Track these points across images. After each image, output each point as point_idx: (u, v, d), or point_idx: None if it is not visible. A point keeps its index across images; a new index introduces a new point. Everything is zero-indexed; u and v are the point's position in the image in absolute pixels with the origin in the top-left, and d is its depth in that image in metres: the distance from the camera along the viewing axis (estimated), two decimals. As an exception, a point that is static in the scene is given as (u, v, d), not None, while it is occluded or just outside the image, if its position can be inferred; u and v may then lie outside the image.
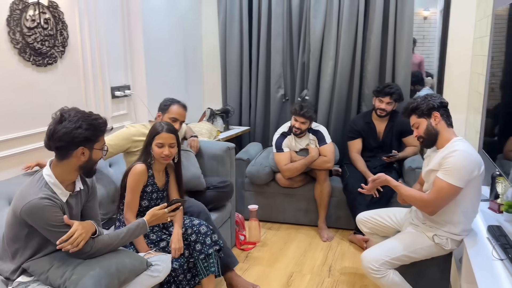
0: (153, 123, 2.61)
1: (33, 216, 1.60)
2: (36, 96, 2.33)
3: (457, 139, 2.04)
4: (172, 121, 2.56)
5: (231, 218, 3.02)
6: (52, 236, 1.63)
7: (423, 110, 2.08)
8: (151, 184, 2.16)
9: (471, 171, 1.93)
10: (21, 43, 2.20)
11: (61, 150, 1.67)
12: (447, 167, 1.95)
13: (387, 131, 3.35)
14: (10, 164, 2.20)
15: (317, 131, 3.31)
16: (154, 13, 3.21)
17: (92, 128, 1.68)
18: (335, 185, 3.36)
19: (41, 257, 1.71)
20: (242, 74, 4.04)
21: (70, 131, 1.63)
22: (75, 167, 1.72)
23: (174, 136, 2.16)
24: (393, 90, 3.20)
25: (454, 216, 2.04)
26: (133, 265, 1.80)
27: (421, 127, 2.10)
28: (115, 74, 2.97)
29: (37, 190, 1.63)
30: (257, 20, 3.91)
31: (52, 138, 1.65)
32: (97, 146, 1.74)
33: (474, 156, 1.95)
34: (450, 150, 1.98)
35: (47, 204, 1.60)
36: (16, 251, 1.69)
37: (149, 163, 2.16)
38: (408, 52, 3.55)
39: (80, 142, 1.66)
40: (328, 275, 2.75)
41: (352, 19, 3.60)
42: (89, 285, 1.61)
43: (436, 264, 2.18)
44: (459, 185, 1.93)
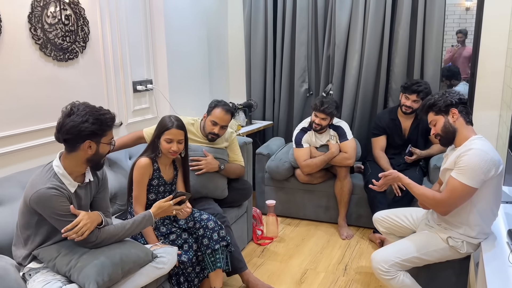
0: (199, 121, 2.67)
1: (41, 205, 1.67)
2: (57, 90, 2.42)
3: (476, 137, 1.94)
4: (212, 124, 2.57)
5: (247, 212, 3.02)
6: (58, 224, 1.70)
7: (441, 106, 1.99)
8: (157, 178, 2.19)
9: (486, 171, 1.83)
10: (42, 39, 2.29)
11: (68, 142, 1.73)
12: (461, 166, 1.86)
13: (413, 128, 3.22)
14: (32, 154, 2.31)
15: (338, 127, 3.24)
16: (177, 7, 3.24)
17: (99, 122, 1.73)
18: (356, 182, 3.28)
19: (50, 244, 1.78)
20: (266, 68, 4.02)
21: (77, 125, 1.68)
22: (82, 160, 1.77)
23: (183, 132, 2.18)
24: (421, 88, 3.06)
25: (470, 217, 1.94)
26: (137, 256, 1.84)
27: (438, 125, 2.02)
28: (137, 69, 3.03)
29: (45, 180, 1.70)
30: (282, 13, 3.86)
31: (61, 131, 1.71)
32: (104, 140, 1.79)
33: (491, 155, 1.84)
34: (466, 149, 1.88)
35: (53, 194, 1.66)
36: (28, 238, 1.77)
37: (155, 156, 2.19)
38: (438, 45, 3.39)
39: (86, 136, 1.71)
40: (343, 274, 2.70)
41: (379, 11, 3.48)
42: (92, 274, 1.66)
43: (451, 268, 2.08)
44: (473, 185, 1.84)
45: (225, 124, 2.60)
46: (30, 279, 1.74)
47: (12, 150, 2.19)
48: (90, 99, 2.60)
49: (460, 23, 7.14)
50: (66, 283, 1.70)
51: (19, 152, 2.24)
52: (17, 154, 2.24)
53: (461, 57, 5.52)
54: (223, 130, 2.61)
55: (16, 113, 2.20)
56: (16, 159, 2.23)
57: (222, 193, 2.66)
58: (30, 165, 2.27)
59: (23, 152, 2.26)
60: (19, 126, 2.23)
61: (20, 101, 2.22)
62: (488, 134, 3.29)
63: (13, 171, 2.17)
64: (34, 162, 2.30)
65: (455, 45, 5.96)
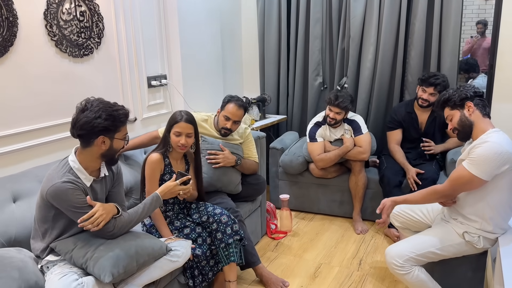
0: (212, 117, 2.70)
1: (57, 198, 1.70)
2: (73, 86, 2.46)
3: (493, 130, 1.90)
4: (225, 119, 2.59)
5: (261, 207, 3.03)
6: (75, 216, 1.73)
7: (456, 101, 1.97)
8: (168, 173, 2.21)
9: (499, 164, 1.80)
10: (58, 36, 2.32)
11: (83, 138, 1.76)
12: (473, 157, 1.85)
13: (430, 122, 3.16)
14: (49, 150, 2.35)
15: (352, 121, 3.21)
16: (190, 3, 3.25)
17: (112, 118, 1.74)
18: (371, 177, 3.25)
19: (67, 237, 1.82)
20: (280, 62, 4.00)
21: (90, 121, 1.71)
22: (97, 155, 1.80)
23: (192, 126, 2.18)
24: (439, 81, 2.99)
25: (485, 211, 1.91)
26: (152, 249, 1.87)
27: (455, 119, 1.99)
28: (152, 64, 3.05)
29: (61, 175, 1.73)
30: (296, 6, 3.83)
31: (75, 127, 1.74)
32: (118, 136, 1.81)
33: (506, 149, 1.81)
34: (481, 141, 1.86)
35: (69, 187, 1.70)
36: (45, 231, 1.81)
37: (166, 151, 2.20)
38: (456, 37, 3.32)
39: (100, 132, 1.73)
40: (358, 269, 2.68)
41: (395, 2, 3.42)
42: (107, 265, 1.69)
43: (468, 263, 2.05)
44: (483, 177, 1.82)
45: (238, 119, 2.61)
46: (48, 271, 1.78)
47: (29, 146, 2.24)
48: (105, 95, 2.64)
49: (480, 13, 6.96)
50: (82, 275, 1.74)
51: (36, 147, 2.28)
52: (34, 149, 2.28)
53: (480, 48, 5.39)
54: (236, 125, 2.63)
55: (33, 109, 2.25)
56: (33, 154, 2.28)
57: (235, 188, 2.66)
58: (47, 160, 2.31)
59: (40, 147, 2.31)
60: (36, 122, 2.27)
61: (36, 97, 2.26)
62: (507, 127, 3.20)
63: (30, 166, 2.21)
64: (51, 157, 2.35)
65: (474, 36, 5.82)
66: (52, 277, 1.73)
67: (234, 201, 2.59)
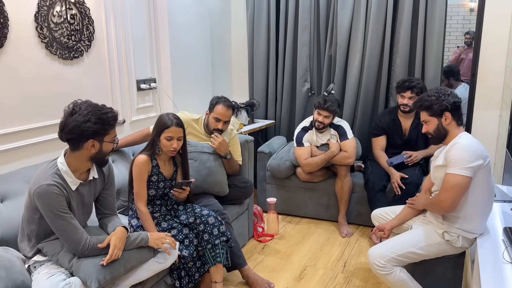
0: (202, 119, 2.75)
1: (41, 201, 1.69)
2: (63, 88, 2.48)
3: (462, 134, 2.03)
4: (216, 120, 2.65)
5: (248, 210, 3.07)
6: (52, 222, 1.71)
7: (435, 110, 2.04)
8: (156, 174, 2.24)
9: (474, 159, 1.91)
10: (48, 38, 2.34)
11: (72, 142, 1.75)
12: (451, 160, 1.95)
13: (413, 128, 3.25)
14: (37, 151, 2.37)
15: (338, 126, 3.28)
16: (180, 7, 3.29)
17: (101, 122, 1.73)
18: (357, 181, 3.32)
19: (54, 239, 1.81)
20: (269, 67, 4.06)
21: (79, 125, 1.70)
22: (86, 158, 1.80)
23: (182, 130, 2.22)
24: (414, 84, 3.09)
25: (464, 211, 1.99)
26: (140, 254, 1.89)
27: (431, 126, 2.09)
28: (141, 68, 3.09)
29: (48, 176, 1.72)
30: (285, 13, 3.91)
31: (63, 131, 1.73)
32: (107, 138, 1.80)
33: (475, 146, 1.94)
34: (451, 144, 1.98)
35: (53, 191, 1.69)
36: (32, 232, 1.81)
37: (153, 153, 2.23)
38: (439, 45, 3.42)
39: (89, 135, 1.73)
40: (342, 271, 2.73)
41: (381, 11, 3.52)
42: (93, 272, 1.70)
43: (447, 263, 2.12)
44: (466, 174, 1.91)
45: (228, 119, 2.68)
46: (35, 271, 1.79)
47: (18, 146, 2.25)
48: (94, 97, 2.67)
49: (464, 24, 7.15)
50: (70, 276, 1.75)
51: (25, 148, 2.29)
52: (23, 150, 2.29)
53: (466, 59, 5.51)
54: (226, 125, 2.70)
55: (22, 110, 2.26)
56: (22, 155, 2.29)
57: (222, 189, 2.70)
58: (35, 161, 2.33)
59: (29, 148, 2.32)
60: (25, 122, 2.28)
61: (26, 99, 2.27)
62: (488, 134, 3.32)
63: (18, 166, 2.22)
64: (40, 158, 2.36)
65: (461, 46, 5.95)
66: (40, 277, 1.73)
67: (221, 204, 2.63)
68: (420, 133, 3.23)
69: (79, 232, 1.75)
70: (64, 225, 1.72)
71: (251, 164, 3.07)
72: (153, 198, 2.26)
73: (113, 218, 2.00)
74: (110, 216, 2.02)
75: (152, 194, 2.25)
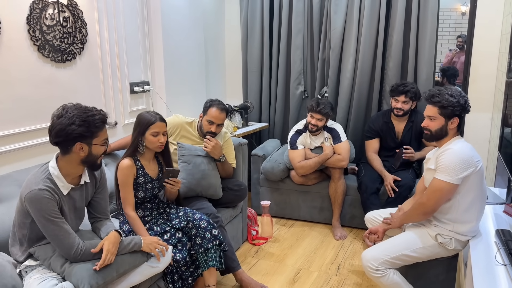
0: (195, 122, 2.75)
1: (32, 206, 1.67)
2: (55, 91, 2.46)
3: (457, 139, 2.03)
4: (209, 123, 2.65)
5: (242, 213, 3.06)
6: (44, 227, 1.69)
7: (449, 112, 1.98)
8: (142, 175, 2.22)
9: (464, 167, 1.91)
10: (41, 40, 2.33)
11: (60, 145, 1.74)
12: (440, 165, 1.95)
13: (406, 131, 3.26)
14: (29, 154, 2.35)
15: (332, 129, 3.29)
16: (174, 9, 3.29)
17: (86, 124, 1.70)
18: (350, 184, 3.33)
19: (46, 244, 1.79)
20: (263, 70, 4.06)
21: (64, 128, 1.68)
22: (77, 161, 1.77)
23: (165, 124, 2.24)
24: (408, 88, 3.11)
25: (457, 214, 2.00)
26: (133, 258, 1.88)
27: (436, 123, 2.03)
28: (134, 70, 3.08)
29: (39, 181, 1.70)
30: (278, 16, 3.92)
31: (51, 134, 1.72)
32: (96, 141, 1.77)
33: (467, 153, 1.93)
34: (444, 149, 1.98)
35: (45, 196, 1.67)
36: (23, 236, 1.79)
37: (136, 154, 2.21)
38: (432, 49, 3.44)
39: (75, 138, 1.70)
40: (336, 274, 2.74)
41: (374, 15, 3.54)
42: (85, 276, 1.69)
43: (440, 266, 2.12)
44: (452, 181, 1.92)
45: (221, 122, 2.68)
46: (27, 275, 1.77)
47: (10, 149, 2.23)
48: (87, 100, 2.66)
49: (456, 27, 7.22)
50: (62, 280, 1.73)
51: (16, 151, 2.28)
52: (15, 153, 2.27)
53: (459, 62, 5.56)
54: (219, 128, 2.70)
55: (14, 113, 2.25)
56: (14, 158, 2.27)
57: (216, 192, 2.69)
58: (27, 164, 2.31)
59: (21, 151, 2.30)
60: (17, 125, 2.27)
61: (18, 101, 2.26)
62: (480, 137, 3.34)
63: (10, 170, 2.21)
64: (31, 161, 2.34)
65: (453, 49, 6.00)
66: (31, 282, 1.71)
67: (215, 207, 2.62)
68: (413, 136, 3.26)
69: (71, 237, 1.73)
70: (56, 230, 1.70)
71: (245, 167, 3.07)
72: (143, 201, 2.25)
73: (106, 222, 1.98)
74: (102, 220, 2.00)
75: (141, 196, 2.23)
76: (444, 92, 1.99)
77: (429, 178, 2.05)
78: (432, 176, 2.01)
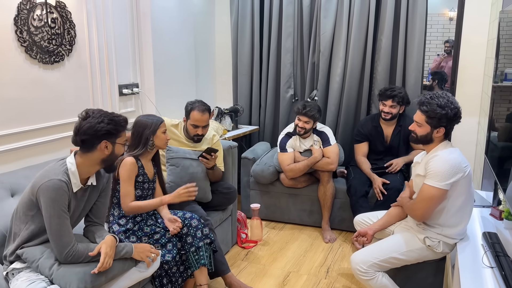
0: (181, 124, 2.77)
1: (47, 193, 1.69)
2: (43, 92, 2.43)
3: (443, 143, 2.05)
4: (194, 127, 2.64)
5: (232, 216, 3.05)
6: (49, 218, 1.70)
7: (435, 122, 1.99)
8: (142, 175, 2.24)
9: (453, 173, 1.92)
10: (28, 42, 2.31)
11: (86, 143, 1.79)
12: (429, 171, 1.97)
13: (395, 135, 3.29)
14: (17, 156, 2.31)
15: (321, 132, 3.30)
16: (164, 11, 3.28)
17: (113, 123, 1.81)
18: (339, 187, 3.34)
19: (35, 245, 1.78)
20: (253, 74, 4.07)
21: (94, 125, 1.77)
22: (97, 160, 1.83)
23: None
24: (395, 93, 3.14)
25: (445, 218, 2.02)
26: (122, 263, 1.87)
27: (422, 130, 2.05)
28: (123, 72, 3.06)
29: (59, 172, 1.75)
30: (268, 20, 3.93)
31: (78, 133, 1.78)
32: (119, 140, 1.87)
33: (455, 159, 1.95)
34: (432, 155, 2.00)
35: (62, 187, 1.72)
36: (19, 231, 1.78)
37: (139, 154, 2.24)
38: (420, 54, 3.48)
39: (102, 136, 1.78)
40: (325, 276, 2.74)
41: (363, 19, 3.57)
42: (74, 280, 1.67)
43: (428, 269, 2.14)
44: (442, 187, 1.94)
45: (206, 123, 2.68)
46: (13, 278, 1.75)
47: (-5, 152, 2.20)
48: (75, 102, 2.64)
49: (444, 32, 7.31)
50: (50, 284, 1.71)
51: (3, 154, 2.24)
52: (1, 156, 2.23)
53: (447, 66, 5.64)
54: (205, 129, 2.70)
55: (1, 114, 2.21)
56: (1, 161, 2.23)
57: (205, 195, 2.68)
58: (13, 167, 2.27)
59: (7, 154, 2.26)
60: (4, 128, 2.23)
61: (5, 103, 2.22)
62: (467, 140, 3.39)
63: (-4, 172, 2.17)
64: (18, 163, 2.30)
65: (441, 54, 6.08)
66: (19, 284, 1.69)
67: (204, 210, 2.61)
68: (401, 139, 3.29)
69: (69, 236, 1.74)
70: (59, 224, 1.71)
71: (235, 170, 3.06)
72: (138, 199, 2.25)
73: (100, 228, 1.98)
74: (98, 225, 2.00)
75: (138, 194, 2.24)
76: (434, 102, 1.98)
77: (419, 183, 2.07)
78: (422, 182, 2.02)
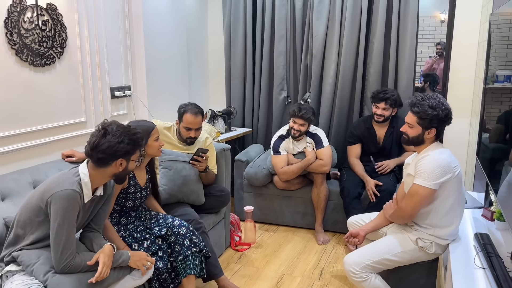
0: (174, 127, 2.76)
1: (60, 203, 1.68)
2: (34, 95, 2.41)
3: (434, 144, 2.06)
4: (187, 130, 2.63)
5: (225, 218, 3.04)
6: (59, 226, 1.68)
7: (426, 123, 2.02)
8: (133, 185, 2.20)
9: (442, 173, 1.94)
10: (19, 44, 2.28)
11: (102, 160, 1.78)
12: (419, 171, 1.98)
13: (387, 137, 3.31)
14: (6, 160, 2.28)
15: (314, 134, 3.31)
16: (157, 14, 3.27)
17: (133, 143, 1.82)
18: (333, 189, 3.34)
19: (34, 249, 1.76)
20: (246, 76, 4.07)
21: (114, 145, 1.76)
22: (109, 174, 1.83)
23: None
24: (388, 95, 3.16)
25: (436, 219, 2.03)
26: (117, 271, 1.86)
27: (413, 131, 2.07)
28: (115, 75, 3.04)
29: (73, 183, 1.74)
30: (261, 22, 3.93)
31: (96, 150, 1.76)
32: (134, 157, 1.89)
33: (445, 159, 1.97)
34: (423, 155, 2.02)
35: (75, 199, 1.71)
36: (24, 235, 1.77)
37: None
38: (412, 56, 3.50)
39: (121, 155, 1.79)
40: (319, 279, 2.74)
41: (355, 22, 3.59)
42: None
43: (421, 270, 2.15)
44: (430, 186, 1.95)
45: (199, 126, 2.67)
46: (7, 280, 1.73)
47: (-15, 155, 2.17)
48: (67, 105, 2.62)
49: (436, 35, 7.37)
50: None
51: (-8, 157, 2.22)
52: (-9, 159, 2.21)
53: (439, 68, 5.68)
54: (198, 131, 2.70)
55: (-9, 117, 2.19)
56: (-10, 164, 2.21)
57: (198, 198, 2.67)
58: (4, 170, 2.24)
59: (-3, 157, 2.24)
60: (-7, 131, 2.21)
61: (-6, 106, 2.20)
62: (459, 142, 3.41)
63: (-14, 176, 2.14)
64: (8, 168, 2.27)
65: (433, 56, 6.12)
66: (13, 287, 1.68)
67: (198, 213, 2.59)
68: (394, 141, 3.30)
69: (71, 249, 1.72)
70: (65, 235, 1.70)
71: (228, 172, 3.06)
72: (129, 210, 2.22)
73: (98, 235, 1.96)
74: (95, 232, 1.97)
75: (130, 205, 2.21)
76: (426, 103, 2.00)
77: (410, 182, 2.08)
78: (412, 181, 2.04)
